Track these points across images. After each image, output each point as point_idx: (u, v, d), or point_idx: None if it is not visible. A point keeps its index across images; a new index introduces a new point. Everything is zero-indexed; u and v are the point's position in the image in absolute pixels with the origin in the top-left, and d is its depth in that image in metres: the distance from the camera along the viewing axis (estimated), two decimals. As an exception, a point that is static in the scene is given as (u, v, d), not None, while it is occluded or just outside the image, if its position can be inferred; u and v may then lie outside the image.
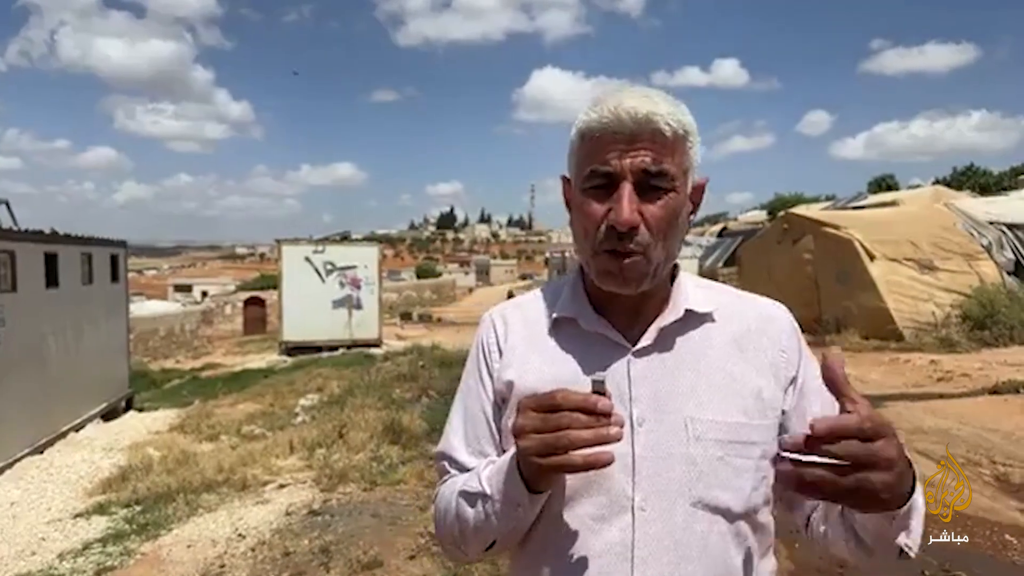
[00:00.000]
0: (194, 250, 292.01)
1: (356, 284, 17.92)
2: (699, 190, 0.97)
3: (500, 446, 1.01)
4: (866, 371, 8.88)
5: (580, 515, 0.92)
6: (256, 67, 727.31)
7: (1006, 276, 11.32)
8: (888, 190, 28.49)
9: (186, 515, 5.12)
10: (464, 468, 1.01)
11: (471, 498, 0.93)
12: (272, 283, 32.13)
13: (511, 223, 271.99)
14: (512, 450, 0.86)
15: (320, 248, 18.20)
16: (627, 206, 0.87)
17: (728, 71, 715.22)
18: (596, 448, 0.77)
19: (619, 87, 0.93)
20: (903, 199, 18.98)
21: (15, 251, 8.17)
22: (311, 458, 6.44)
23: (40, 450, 8.25)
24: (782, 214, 16.58)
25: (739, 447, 0.91)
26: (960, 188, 25.22)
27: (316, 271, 17.69)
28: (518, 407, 0.84)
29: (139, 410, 12.15)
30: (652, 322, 0.96)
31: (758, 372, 0.96)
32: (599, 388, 0.79)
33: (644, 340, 0.95)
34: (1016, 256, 11.60)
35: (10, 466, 7.48)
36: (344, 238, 23.02)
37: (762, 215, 34.34)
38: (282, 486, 5.69)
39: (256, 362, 17.85)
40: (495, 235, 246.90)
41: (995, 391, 6.99)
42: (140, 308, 25.01)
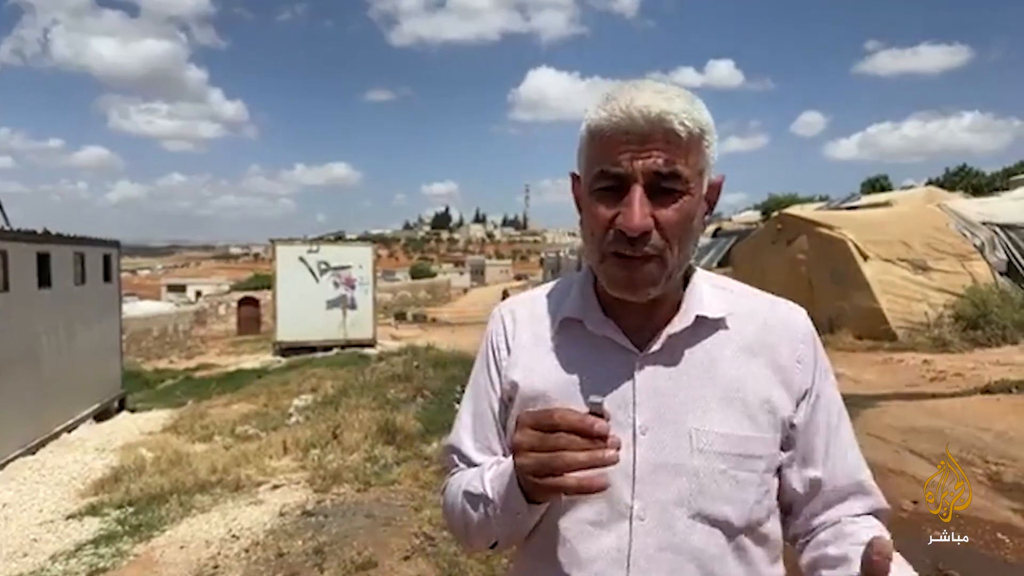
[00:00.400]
0: (188, 250, 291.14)
1: (350, 284, 17.88)
2: (715, 189, 0.93)
3: (506, 443, 1.00)
4: (860, 371, 8.91)
5: (579, 520, 0.91)
6: (250, 66, 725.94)
7: (998, 276, 11.37)
8: (881, 191, 28.59)
9: (179, 516, 5.10)
10: (471, 462, 1.02)
11: (474, 499, 0.94)
12: (266, 283, 32.02)
13: (506, 223, 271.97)
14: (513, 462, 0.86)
15: (314, 248, 18.16)
16: (638, 211, 0.83)
17: (723, 72, 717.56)
18: (590, 472, 0.76)
19: (632, 82, 0.88)
20: (896, 200, 19.05)
21: (7, 251, 8.13)
22: (305, 459, 6.42)
23: (32, 451, 8.21)
24: (776, 214, 16.61)
25: (744, 460, 0.90)
26: (953, 189, 25.32)
27: (310, 271, 17.65)
28: (516, 422, 0.83)
29: (132, 411, 12.11)
30: (662, 327, 0.93)
31: (770, 382, 0.93)
32: (597, 410, 0.79)
33: (652, 346, 0.92)
34: (1008, 256, 11.66)
35: (2, 467, 7.44)
36: (338, 238, 23.01)
37: (756, 215, 34.38)
38: (276, 487, 5.68)
39: (250, 362, 17.80)
40: (490, 235, 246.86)
41: (988, 391, 7.01)
42: (133, 308, 24.92)
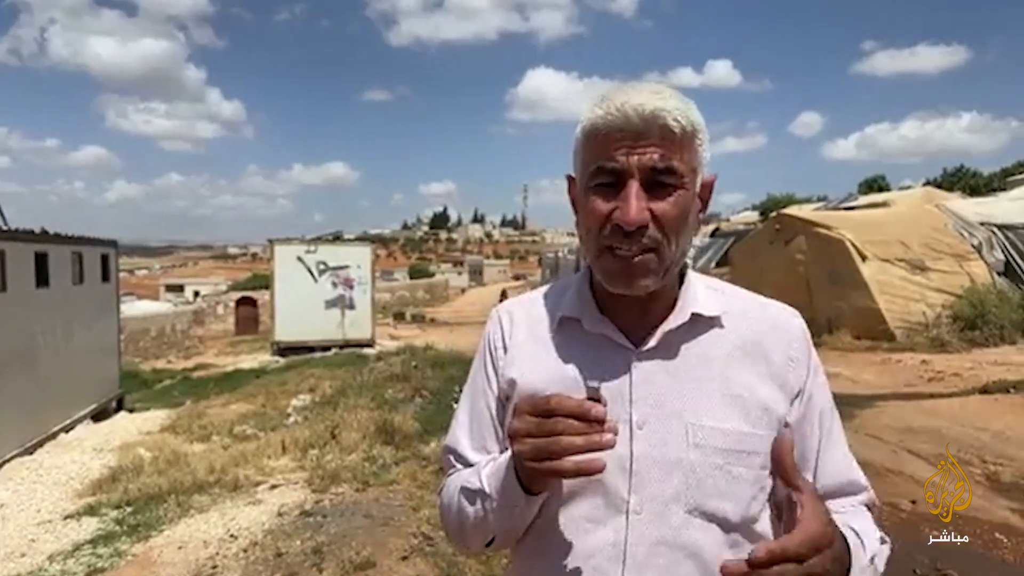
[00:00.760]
0: (185, 250, 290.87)
1: (349, 284, 17.87)
2: (708, 187, 0.94)
3: (503, 443, 1.00)
4: (858, 371, 8.92)
5: (575, 515, 0.92)
6: (248, 66, 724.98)
7: (996, 276, 11.39)
8: (879, 191, 28.63)
9: (177, 516, 5.09)
10: (468, 463, 1.02)
11: (471, 495, 0.94)
12: (264, 283, 31.98)
13: (504, 223, 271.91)
14: (511, 450, 0.86)
15: (312, 248, 18.14)
16: (635, 204, 0.84)
17: (721, 72, 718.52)
18: (587, 455, 0.77)
19: (626, 83, 0.90)
20: (894, 200, 19.05)
21: (5, 250, 8.12)
22: (303, 459, 6.41)
23: (30, 451, 8.19)
24: (774, 215, 16.63)
25: (740, 456, 0.90)
26: (950, 189, 25.35)
27: (309, 271, 17.64)
28: (514, 410, 0.84)
29: (130, 411, 12.09)
30: (658, 324, 0.94)
31: (764, 381, 0.94)
32: (594, 395, 0.79)
33: (648, 343, 0.93)
34: (1006, 257, 11.67)
35: (-1, 467, 7.43)
36: (337, 238, 22.95)
37: (754, 216, 34.42)
38: (274, 487, 5.67)
39: (248, 362, 17.79)
40: (488, 235, 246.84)
41: (985, 391, 7.03)
42: (131, 308, 24.89)
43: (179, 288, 65.00)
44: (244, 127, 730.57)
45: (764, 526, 0.94)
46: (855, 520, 0.94)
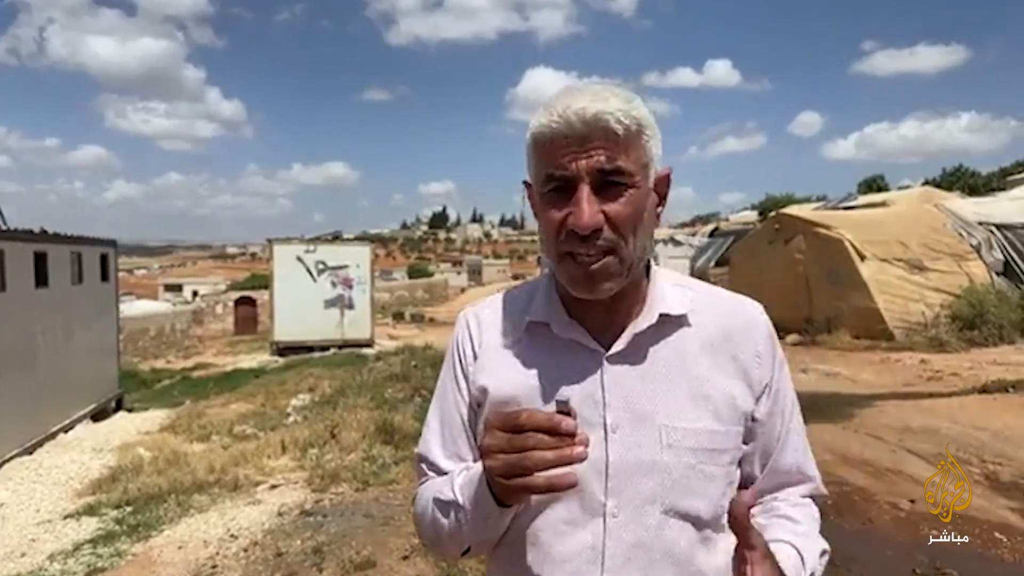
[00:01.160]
0: (184, 249, 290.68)
1: (348, 284, 17.87)
2: (663, 181, 0.94)
3: (477, 449, 1.00)
4: (857, 370, 8.94)
5: (553, 519, 0.92)
6: (247, 66, 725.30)
7: (995, 276, 11.41)
8: (878, 191, 28.66)
9: (177, 516, 5.09)
10: (441, 471, 1.01)
11: (444, 506, 0.94)
12: (263, 283, 31.94)
13: (503, 223, 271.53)
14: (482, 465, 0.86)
15: (312, 248, 18.13)
16: (586, 208, 0.85)
17: (720, 72, 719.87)
18: (559, 470, 0.77)
19: (568, 88, 0.90)
20: (893, 200, 19.05)
21: (4, 250, 8.11)
22: (303, 458, 6.41)
23: (29, 451, 8.19)
24: (773, 214, 16.65)
25: (712, 455, 0.92)
26: (950, 189, 25.38)
27: (308, 271, 17.63)
28: (484, 425, 0.84)
29: (129, 410, 12.08)
30: (626, 324, 0.95)
31: (732, 378, 0.95)
32: (563, 408, 0.79)
33: (618, 345, 0.94)
34: (1005, 256, 11.68)
35: (-1, 467, 7.43)
36: (336, 237, 22.97)
37: (753, 215, 34.44)
38: (274, 486, 5.67)
39: (247, 362, 17.79)
40: (487, 235, 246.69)
41: (984, 390, 7.04)
42: (130, 308, 24.87)
43: (178, 288, 64.95)
44: (244, 127, 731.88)
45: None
46: (800, 525, 0.98)
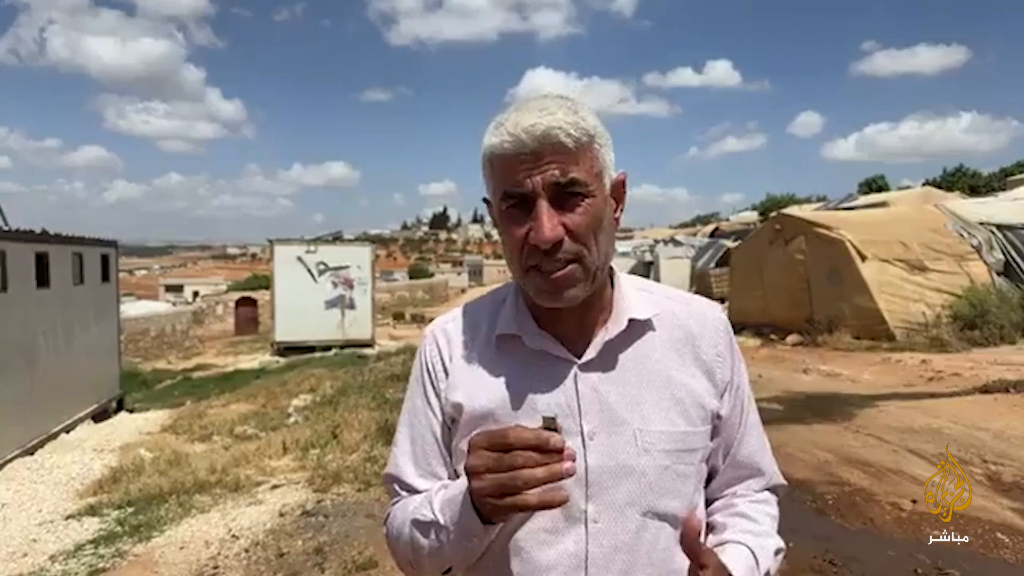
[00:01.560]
0: (185, 250, 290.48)
1: (349, 284, 17.89)
2: (619, 186, 0.96)
3: (450, 467, 1.00)
4: (858, 371, 8.94)
5: (534, 529, 0.93)
6: (248, 66, 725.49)
7: (996, 276, 11.39)
8: (879, 191, 28.70)
9: (179, 516, 5.10)
10: (414, 490, 1.00)
11: (424, 527, 0.92)
12: (264, 283, 31.99)
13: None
14: (464, 479, 0.85)
15: (312, 248, 18.16)
16: (546, 223, 0.86)
17: (720, 72, 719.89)
18: (550, 486, 0.77)
19: (517, 104, 0.92)
20: (893, 200, 19.09)
21: (5, 251, 8.12)
22: (304, 459, 6.42)
23: (31, 451, 8.19)
24: (774, 215, 16.65)
25: (683, 454, 0.95)
26: (950, 189, 25.42)
27: (308, 271, 17.65)
28: (470, 445, 0.83)
29: (130, 411, 12.09)
30: (595, 332, 0.96)
31: (697, 378, 0.98)
32: (550, 424, 0.79)
33: (589, 353, 0.95)
34: (1005, 257, 11.67)
35: (0, 467, 7.43)
36: (336, 238, 23.01)
37: (754, 216, 34.50)
38: (275, 487, 5.68)
39: (248, 362, 17.80)
40: (488, 235, 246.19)
41: (985, 390, 7.03)
42: (131, 308, 24.88)
43: (179, 288, 65.04)
44: (244, 127, 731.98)
45: (700, 514, 0.99)
46: (757, 524, 1.00)
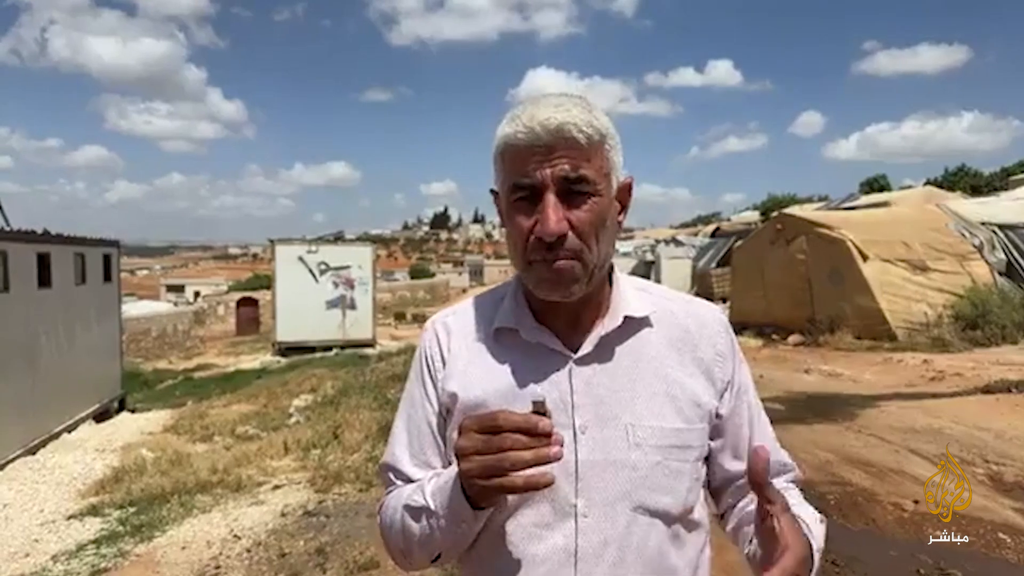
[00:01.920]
0: (186, 250, 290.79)
1: (350, 284, 17.89)
2: (625, 190, 0.97)
3: (445, 457, 1.01)
4: (860, 371, 8.93)
5: (524, 523, 0.93)
6: (249, 66, 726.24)
7: (997, 276, 11.38)
8: (880, 191, 28.68)
9: (180, 516, 5.10)
10: (409, 479, 1.01)
11: (415, 513, 0.93)
12: (265, 283, 32.00)
13: (503, 225, 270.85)
14: (455, 465, 0.86)
15: (314, 248, 18.17)
16: (552, 215, 0.87)
17: (722, 72, 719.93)
18: (536, 469, 0.78)
19: (533, 98, 0.93)
20: (895, 200, 19.06)
21: (7, 251, 8.12)
22: (306, 459, 6.42)
23: (33, 451, 8.20)
24: (775, 215, 16.63)
25: (677, 451, 0.94)
26: (952, 189, 25.40)
27: (310, 271, 17.65)
28: (459, 428, 0.84)
29: (132, 411, 12.10)
30: (592, 328, 0.97)
31: (695, 377, 0.98)
32: (539, 408, 0.79)
33: (584, 348, 0.96)
34: (1007, 257, 11.66)
35: (2, 467, 7.43)
36: (338, 238, 23.03)
37: (755, 216, 34.47)
38: (277, 487, 5.68)
39: (249, 362, 17.80)
40: (489, 235, 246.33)
41: (987, 390, 7.02)
42: (132, 308, 24.89)
43: (180, 288, 65.07)
44: (245, 127, 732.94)
45: (697, 515, 0.98)
46: (793, 499, 0.98)
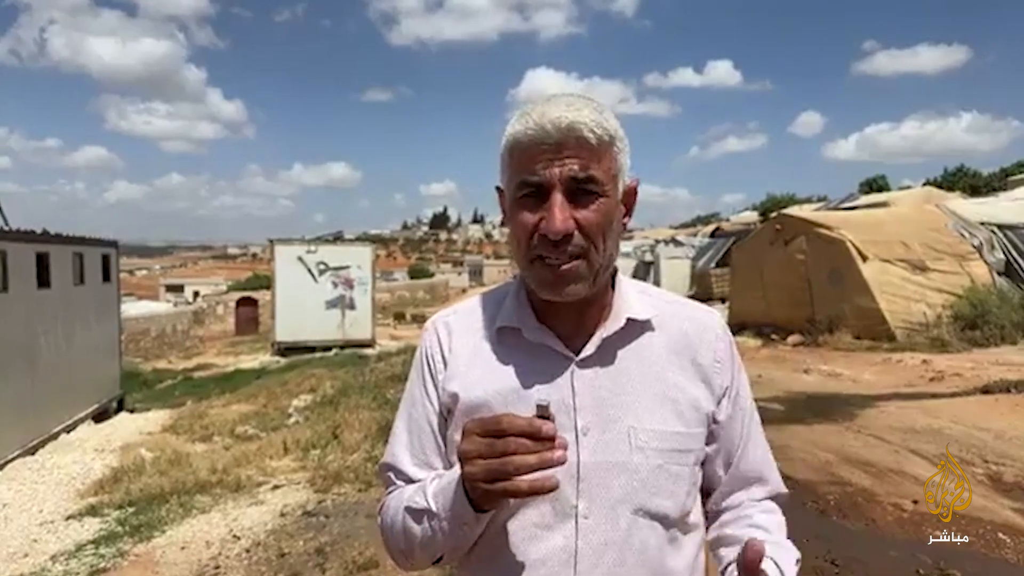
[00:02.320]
0: (186, 250, 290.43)
1: (349, 284, 17.88)
2: (631, 193, 0.97)
3: (446, 457, 1.00)
4: (859, 371, 8.93)
5: (525, 523, 0.93)
6: (248, 66, 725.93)
7: (996, 277, 11.38)
8: (879, 191, 28.68)
9: (180, 516, 5.10)
10: (410, 479, 1.00)
11: (417, 514, 0.92)
12: (265, 283, 31.99)
13: (504, 223, 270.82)
14: (458, 467, 0.85)
15: (313, 248, 18.16)
16: (559, 214, 0.87)
17: (721, 72, 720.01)
18: (541, 473, 0.78)
19: (544, 97, 0.93)
20: (894, 200, 19.07)
21: (6, 251, 8.12)
22: (305, 459, 6.42)
23: (32, 451, 8.20)
24: (775, 215, 16.63)
25: (677, 455, 0.95)
26: (951, 189, 25.40)
27: (309, 271, 17.65)
28: (463, 431, 0.83)
29: (131, 411, 12.09)
30: (595, 330, 0.97)
31: (694, 381, 0.98)
32: (543, 412, 0.79)
33: (587, 350, 0.95)
34: (1007, 257, 11.66)
35: (1, 467, 7.43)
36: (337, 238, 23.02)
37: (755, 216, 34.48)
38: (276, 487, 5.68)
39: (249, 362, 17.80)
40: (488, 235, 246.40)
41: (986, 390, 7.02)
42: (132, 308, 24.89)
43: (179, 288, 65.05)
44: (245, 127, 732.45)
45: (694, 518, 0.99)
46: (773, 535, 0.97)
